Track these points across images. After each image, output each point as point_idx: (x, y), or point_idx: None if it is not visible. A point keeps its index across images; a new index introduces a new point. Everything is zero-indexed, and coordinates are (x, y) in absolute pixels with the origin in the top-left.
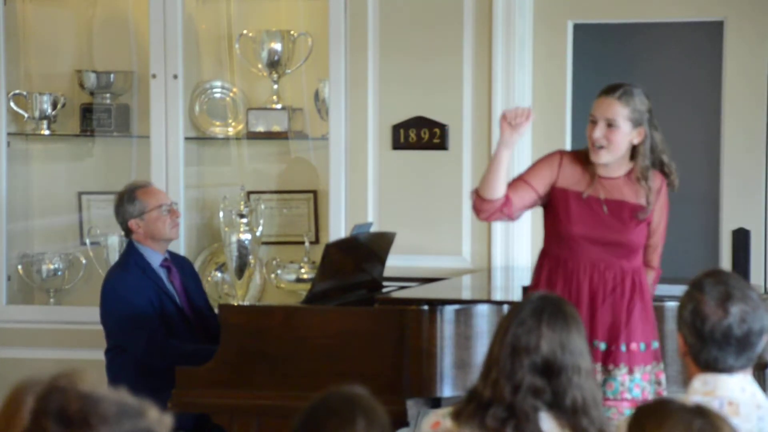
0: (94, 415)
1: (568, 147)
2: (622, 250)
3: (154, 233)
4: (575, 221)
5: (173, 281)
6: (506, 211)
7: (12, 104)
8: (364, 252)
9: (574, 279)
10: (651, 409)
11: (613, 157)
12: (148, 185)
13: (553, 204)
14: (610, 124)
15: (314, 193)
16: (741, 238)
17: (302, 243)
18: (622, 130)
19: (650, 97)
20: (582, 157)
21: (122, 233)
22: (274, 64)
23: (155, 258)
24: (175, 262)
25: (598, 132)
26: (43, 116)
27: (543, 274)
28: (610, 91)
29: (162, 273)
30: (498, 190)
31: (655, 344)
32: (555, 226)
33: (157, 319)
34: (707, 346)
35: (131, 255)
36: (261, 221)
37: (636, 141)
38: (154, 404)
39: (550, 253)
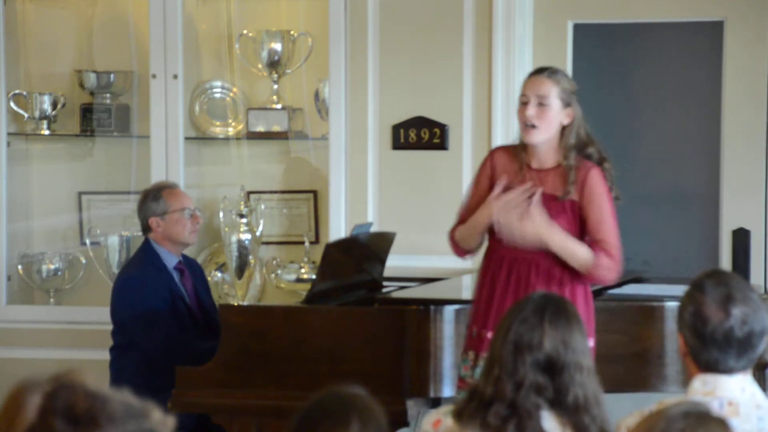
0: (102, 414)
1: None
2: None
3: (172, 235)
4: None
5: (185, 284)
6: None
7: (12, 104)
8: (364, 252)
9: (492, 271)
10: (659, 409)
11: (544, 136)
12: (175, 187)
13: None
14: (542, 102)
15: (314, 193)
16: (741, 238)
17: (302, 243)
18: (553, 108)
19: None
20: (516, 150)
21: (137, 233)
22: (274, 64)
23: (170, 260)
24: (188, 265)
25: (531, 110)
26: (43, 116)
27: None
28: (539, 71)
29: (175, 275)
30: (479, 241)
31: None
32: None
33: (172, 318)
34: (708, 348)
35: (147, 254)
36: (261, 221)
37: (565, 122)
38: (157, 403)
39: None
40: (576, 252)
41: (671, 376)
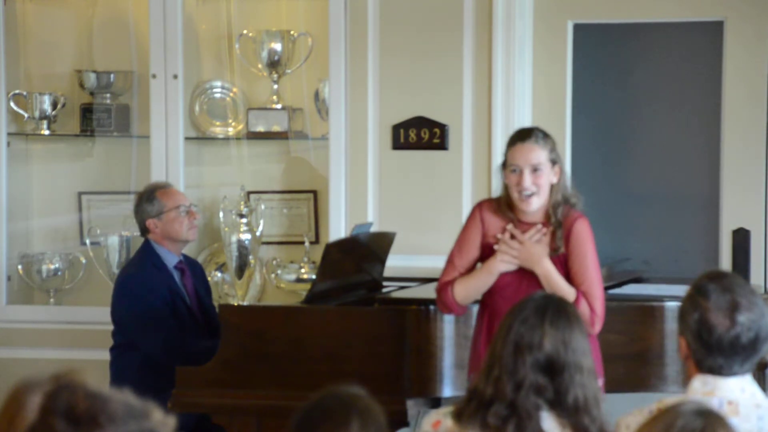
0: (102, 414)
1: (567, 146)
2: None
3: (171, 234)
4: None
5: (186, 284)
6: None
7: (12, 104)
8: (364, 252)
9: (489, 325)
10: (668, 407)
11: (541, 200)
12: (168, 186)
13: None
14: (536, 169)
15: (314, 193)
16: (741, 238)
17: (302, 243)
18: (545, 172)
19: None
20: (501, 204)
21: (137, 233)
22: (274, 64)
23: (171, 259)
24: (189, 264)
25: (528, 180)
26: (43, 116)
27: (484, 325)
28: (525, 137)
29: (176, 274)
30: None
31: None
32: None
33: (172, 318)
34: (713, 355)
35: (147, 254)
36: (261, 221)
37: (554, 180)
38: (158, 403)
39: (486, 304)
40: (559, 284)
41: (671, 376)
